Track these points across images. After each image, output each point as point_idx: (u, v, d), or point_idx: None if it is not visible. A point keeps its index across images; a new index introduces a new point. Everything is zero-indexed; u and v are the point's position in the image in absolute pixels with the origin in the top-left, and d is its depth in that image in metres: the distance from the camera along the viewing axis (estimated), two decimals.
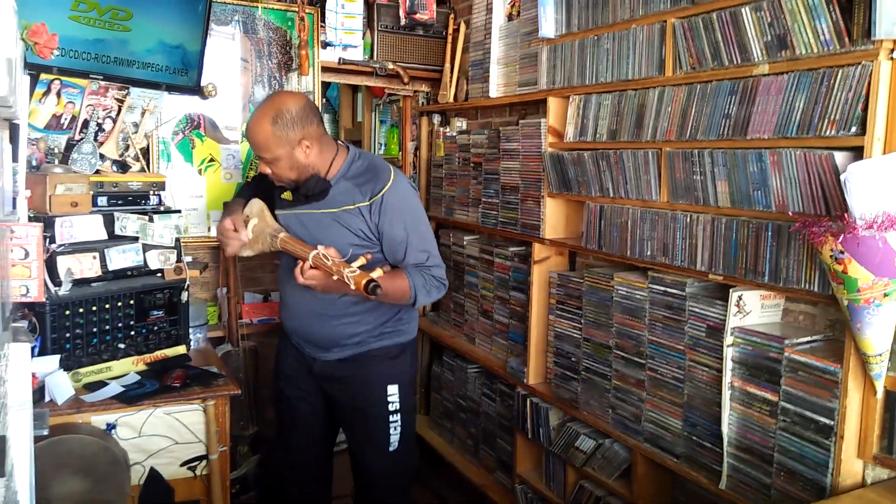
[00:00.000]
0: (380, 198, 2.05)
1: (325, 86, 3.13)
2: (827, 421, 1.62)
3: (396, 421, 2.20)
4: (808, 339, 1.74)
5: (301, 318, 2.20)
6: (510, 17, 2.83)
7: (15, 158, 1.32)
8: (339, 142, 2.20)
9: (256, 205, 2.22)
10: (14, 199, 1.42)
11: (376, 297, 1.83)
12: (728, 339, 1.82)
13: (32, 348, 1.98)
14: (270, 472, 2.95)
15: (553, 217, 2.55)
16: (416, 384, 2.42)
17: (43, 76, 2.45)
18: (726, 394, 1.84)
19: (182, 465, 2.25)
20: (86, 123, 2.59)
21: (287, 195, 2.19)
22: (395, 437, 2.20)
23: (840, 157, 1.56)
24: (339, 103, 4.64)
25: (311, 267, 1.95)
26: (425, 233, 2.15)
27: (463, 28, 3.21)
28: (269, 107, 2.02)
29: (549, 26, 2.46)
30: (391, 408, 2.19)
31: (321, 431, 2.35)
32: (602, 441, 2.32)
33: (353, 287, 1.83)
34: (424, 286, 2.08)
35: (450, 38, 3.27)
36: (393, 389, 2.19)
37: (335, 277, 1.87)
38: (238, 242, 2.15)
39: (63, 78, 2.49)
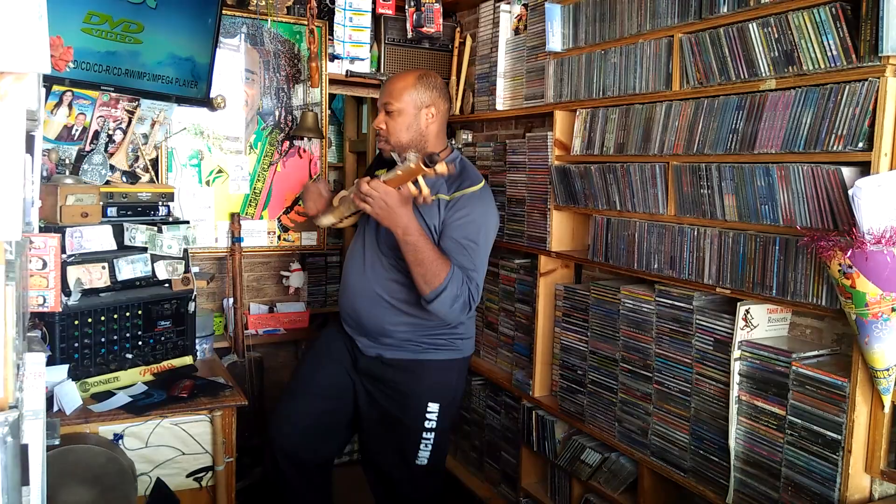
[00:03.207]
0: (461, 195, 2.04)
1: (331, 98, 3.16)
2: (834, 435, 1.62)
3: (429, 439, 2.14)
4: (816, 353, 1.75)
5: (355, 297, 2.17)
6: (517, 31, 2.86)
7: (31, 169, 1.33)
8: (450, 142, 2.25)
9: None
10: (29, 210, 1.43)
11: (434, 173, 1.79)
12: (735, 353, 1.83)
13: None
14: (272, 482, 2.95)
15: (559, 230, 2.56)
16: (459, 403, 2.32)
17: (55, 88, 2.47)
18: (733, 407, 1.84)
19: (188, 475, 2.26)
20: (96, 134, 2.62)
21: (381, 171, 2.14)
22: (424, 453, 2.14)
23: (847, 172, 1.57)
24: (345, 115, 4.67)
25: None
26: (483, 253, 2.07)
27: (469, 41, 3.24)
28: (420, 71, 2.18)
29: (556, 40, 2.49)
30: (427, 425, 2.13)
31: (340, 424, 2.27)
32: (608, 454, 2.32)
33: (412, 165, 1.80)
34: (459, 287, 1.96)
35: (456, 52, 3.30)
36: (433, 407, 2.13)
37: (399, 172, 1.84)
38: (318, 198, 2.27)
39: (75, 90, 2.51)
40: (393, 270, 2.11)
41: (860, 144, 1.55)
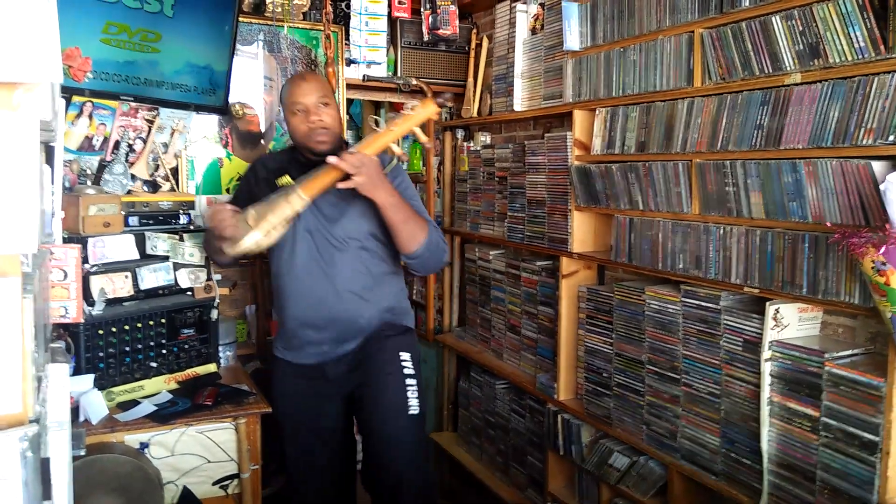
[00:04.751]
0: (393, 165, 2.13)
1: (349, 102, 3.16)
2: (871, 437, 1.57)
3: (413, 385, 2.15)
4: (849, 352, 1.70)
5: (324, 304, 2.12)
6: (534, 31, 2.83)
7: (51, 180, 1.34)
8: None
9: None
10: (50, 221, 1.43)
11: (443, 109, 1.94)
12: (766, 354, 1.78)
13: None
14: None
15: (581, 230, 2.53)
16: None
17: (75, 99, 2.49)
18: (765, 409, 1.80)
19: (214, 483, 2.26)
20: (117, 144, 2.64)
21: (285, 180, 2.08)
22: (413, 402, 2.12)
23: (878, 167, 1.52)
24: (363, 119, 4.67)
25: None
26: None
27: (486, 43, 3.22)
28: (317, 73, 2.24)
29: (573, 39, 2.46)
30: (406, 371, 2.15)
31: (345, 454, 2.31)
32: (636, 458, 2.28)
33: (421, 113, 1.93)
34: (435, 233, 2.12)
35: (472, 53, 3.28)
36: (405, 356, 2.17)
37: (395, 128, 1.93)
38: (231, 217, 1.96)
39: (95, 100, 2.53)
40: (356, 262, 2.13)
41: (891, 137, 1.50)
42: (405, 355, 2.17)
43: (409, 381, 2.14)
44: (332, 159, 1.92)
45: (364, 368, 2.15)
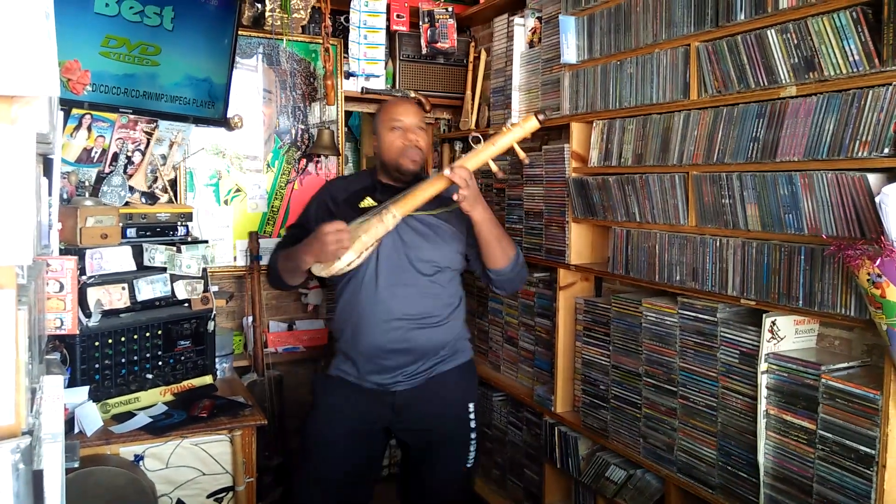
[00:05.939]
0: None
1: (347, 115, 3.17)
2: (868, 450, 1.57)
3: (475, 439, 2.20)
4: (846, 365, 1.70)
5: (406, 328, 2.05)
6: (531, 44, 2.85)
7: (48, 192, 1.34)
8: None
9: None
10: (47, 233, 1.43)
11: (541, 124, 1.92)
12: (762, 366, 1.78)
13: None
14: None
15: (578, 242, 2.54)
16: None
17: (74, 111, 2.50)
18: (761, 422, 1.80)
19: (209, 496, 2.24)
20: (115, 156, 2.64)
21: (367, 202, 2.09)
22: (471, 455, 2.20)
23: (873, 179, 1.53)
24: (361, 132, 4.68)
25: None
26: None
27: (484, 56, 3.24)
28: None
29: (571, 52, 2.47)
30: (472, 425, 2.20)
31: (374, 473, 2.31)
32: (633, 471, 2.27)
33: (522, 128, 1.89)
34: (520, 251, 2.17)
35: (471, 66, 3.30)
36: (472, 407, 2.21)
37: (496, 143, 1.90)
38: (347, 237, 1.88)
39: (94, 112, 2.54)
40: (434, 286, 2.10)
41: (885, 150, 1.51)
42: (471, 407, 2.21)
43: (472, 434, 2.20)
44: (445, 171, 1.91)
45: (434, 419, 2.13)
